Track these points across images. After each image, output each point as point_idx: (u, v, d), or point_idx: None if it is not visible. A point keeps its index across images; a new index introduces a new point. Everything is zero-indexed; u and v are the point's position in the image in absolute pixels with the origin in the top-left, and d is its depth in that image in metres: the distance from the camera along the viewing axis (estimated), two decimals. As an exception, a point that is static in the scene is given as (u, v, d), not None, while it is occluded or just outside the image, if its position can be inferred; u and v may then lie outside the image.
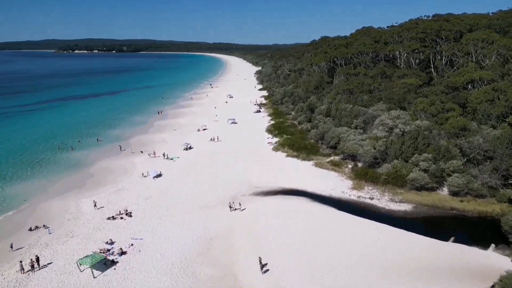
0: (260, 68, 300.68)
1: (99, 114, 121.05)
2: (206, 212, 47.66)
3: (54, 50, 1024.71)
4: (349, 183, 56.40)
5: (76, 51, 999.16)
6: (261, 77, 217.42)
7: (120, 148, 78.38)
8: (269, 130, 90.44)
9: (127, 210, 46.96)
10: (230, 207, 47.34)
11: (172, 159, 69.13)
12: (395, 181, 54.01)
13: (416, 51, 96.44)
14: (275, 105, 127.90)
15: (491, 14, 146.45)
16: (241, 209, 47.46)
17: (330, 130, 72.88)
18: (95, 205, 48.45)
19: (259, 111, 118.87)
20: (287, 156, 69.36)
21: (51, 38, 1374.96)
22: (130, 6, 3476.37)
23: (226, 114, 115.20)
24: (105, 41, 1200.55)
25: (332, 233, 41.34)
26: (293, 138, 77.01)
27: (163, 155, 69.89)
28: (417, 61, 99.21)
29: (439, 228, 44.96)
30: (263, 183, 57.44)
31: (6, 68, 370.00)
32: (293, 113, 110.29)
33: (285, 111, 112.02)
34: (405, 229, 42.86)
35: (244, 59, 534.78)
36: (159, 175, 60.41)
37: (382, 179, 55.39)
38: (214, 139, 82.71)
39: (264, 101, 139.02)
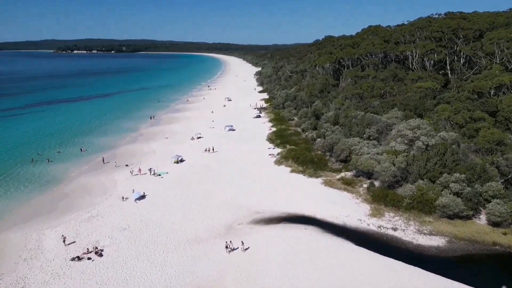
0: (260, 68, 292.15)
1: (87, 120, 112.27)
2: (195, 248, 38.97)
3: (53, 50, 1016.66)
4: (366, 207, 47.73)
5: (75, 52, 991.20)
6: (261, 79, 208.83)
7: (103, 160, 69.70)
8: (270, 139, 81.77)
9: (97, 247, 38.24)
10: (226, 247, 38.21)
11: (159, 175, 60.41)
12: (421, 207, 45.41)
13: (431, 51, 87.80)
14: (276, 109, 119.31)
15: (502, 12, 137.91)
16: (243, 248, 38.34)
17: (340, 141, 64.23)
18: (64, 241, 39.68)
19: (259, 116, 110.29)
20: (292, 171, 60.67)
21: (50, 38, 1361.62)
22: (129, 6, 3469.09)
23: (223, 119, 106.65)
24: (105, 41, 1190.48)
25: (352, 285, 32.65)
26: (298, 150, 68.27)
27: (150, 170, 61.11)
28: (432, 62, 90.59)
29: (483, 270, 36.39)
30: (264, 206, 48.81)
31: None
32: (296, 118, 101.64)
33: (287, 117, 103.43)
34: (443, 275, 34.26)
35: (243, 59, 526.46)
36: (142, 197, 51.66)
37: (405, 203, 46.77)
38: (209, 150, 74.00)
39: (264, 105, 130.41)
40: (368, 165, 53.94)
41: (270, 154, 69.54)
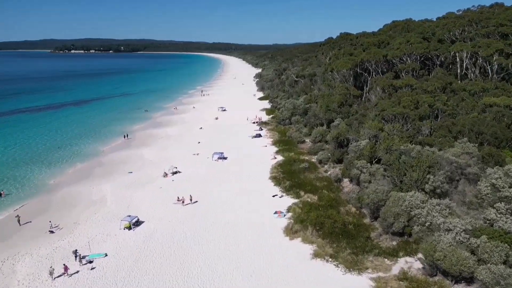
0: (260, 70, 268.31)
1: (40, 139, 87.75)
2: None
3: (50, 50, 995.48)
4: None
5: (73, 51, 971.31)
6: (262, 82, 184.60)
7: (19, 220, 45.15)
8: (275, 178, 57.21)
9: None
10: None
11: (91, 262, 35.79)
12: None
13: (497, 52, 63.32)
14: (281, 124, 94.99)
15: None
16: None
17: (390, 199, 39.68)
18: None
19: (260, 135, 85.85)
20: (315, 255, 35.94)
21: (49, 38, 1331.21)
22: (129, 6, 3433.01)
23: (213, 140, 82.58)
24: (104, 40, 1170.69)
25: None
26: (320, 210, 43.49)
27: (75, 255, 36.17)
28: (496, 67, 66.21)
29: None
30: None
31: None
32: (308, 140, 77.33)
33: (296, 138, 78.87)
34: None
35: (243, 59, 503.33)
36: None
37: None
38: (183, 201, 49.22)
39: (265, 118, 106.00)
40: (461, 263, 29.37)
41: (277, 213, 44.89)
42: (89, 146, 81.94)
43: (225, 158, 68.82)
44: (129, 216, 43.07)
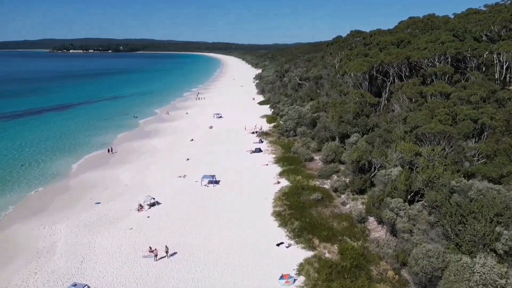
0: (260, 70, 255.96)
1: (3, 152, 75.52)
2: None
3: (48, 50, 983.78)
4: None
5: (71, 51, 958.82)
6: (262, 85, 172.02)
7: None
8: (279, 214, 44.59)
9: None
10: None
11: None
12: None
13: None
14: (284, 136, 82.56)
15: None
16: None
17: (451, 267, 27.17)
18: None
19: (260, 150, 73.31)
20: None
21: (48, 37, 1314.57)
22: (129, 6, 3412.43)
23: (204, 156, 70.35)
24: (103, 40, 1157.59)
25: None
26: (346, 279, 30.95)
27: None
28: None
29: None
30: None
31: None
32: (317, 158, 64.89)
33: (302, 154, 66.28)
34: None
35: (243, 59, 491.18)
36: None
37: None
38: (156, 254, 36.36)
39: (266, 127, 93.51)
40: None
41: (283, 277, 32.20)
42: (59, 162, 69.57)
43: (217, 182, 56.28)
44: (75, 285, 30.43)
